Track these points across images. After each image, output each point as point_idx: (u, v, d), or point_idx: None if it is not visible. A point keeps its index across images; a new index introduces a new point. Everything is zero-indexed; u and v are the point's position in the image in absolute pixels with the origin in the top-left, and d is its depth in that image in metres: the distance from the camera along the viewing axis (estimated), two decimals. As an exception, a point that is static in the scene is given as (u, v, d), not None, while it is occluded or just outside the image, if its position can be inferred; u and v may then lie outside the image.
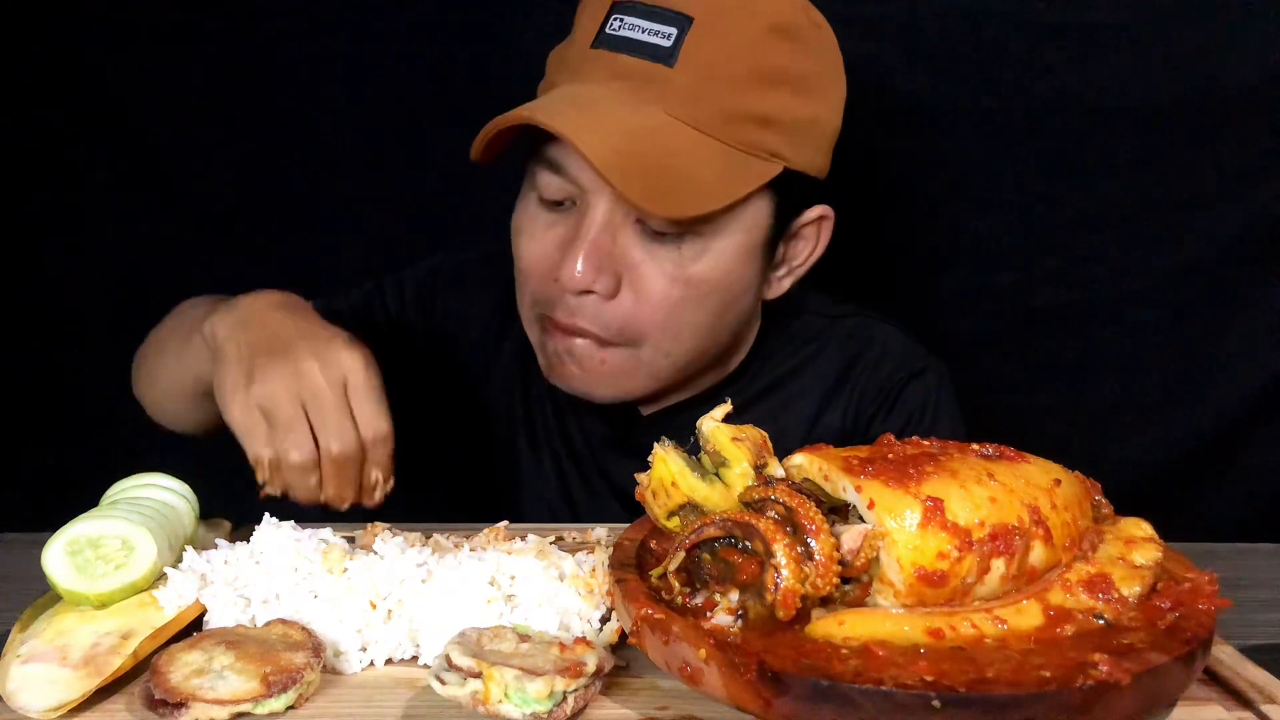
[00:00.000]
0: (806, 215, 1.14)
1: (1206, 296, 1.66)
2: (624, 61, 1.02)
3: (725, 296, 1.10)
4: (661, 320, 1.07)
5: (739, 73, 1.02)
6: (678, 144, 1.00)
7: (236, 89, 1.69)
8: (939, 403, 1.26)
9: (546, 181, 1.07)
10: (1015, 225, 1.68)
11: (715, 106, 1.01)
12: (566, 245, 1.05)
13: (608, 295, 1.06)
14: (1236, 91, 1.59)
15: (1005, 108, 1.63)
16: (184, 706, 0.67)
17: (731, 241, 1.07)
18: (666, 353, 1.10)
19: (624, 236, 1.05)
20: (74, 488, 0.98)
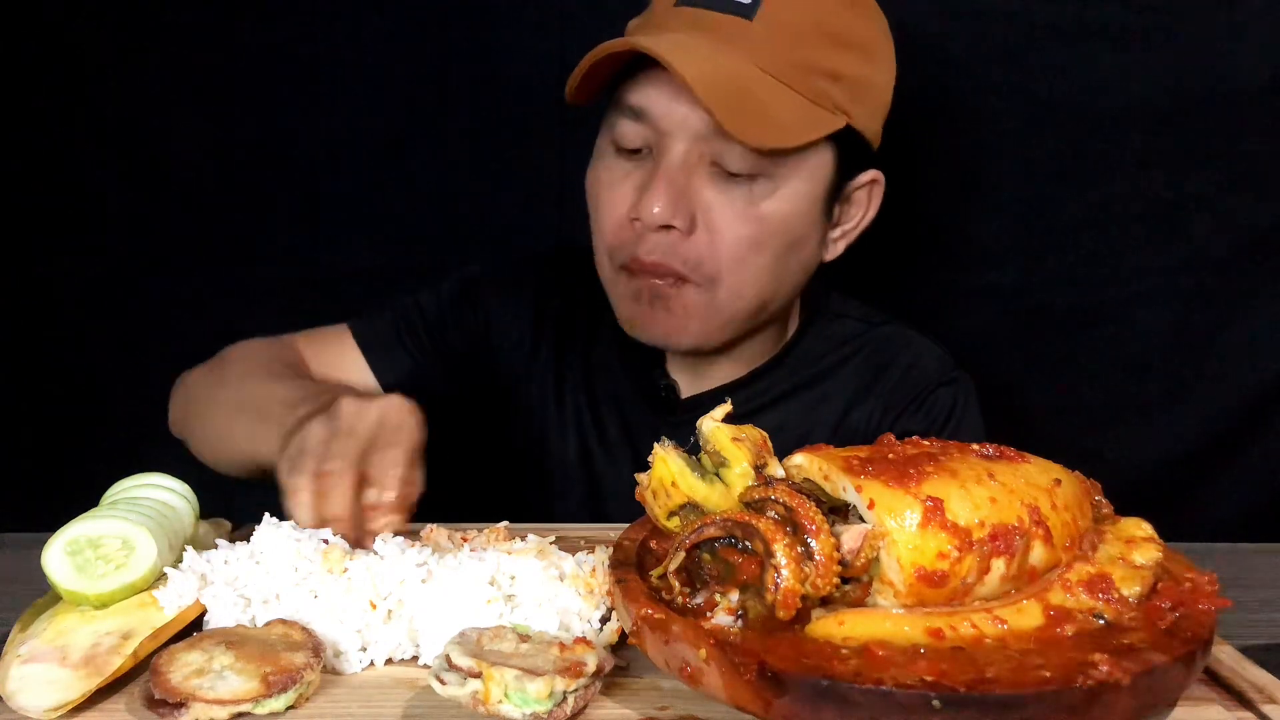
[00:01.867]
0: (860, 178, 1.21)
1: (1206, 296, 1.66)
2: (707, 16, 1.10)
3: (790, 238, 1.16)
4: (735, 258, 1.13)
5: (811, 31, 1.11)
6: (758, 85, 1.08)
7: (237, 88, 1.69)
8: (964, 412, 1.29)
9: (625, 129, 1.14)
10: (1015, 225, 1.68)
11: (790, 58, 1.09)
12: (643, 188, 1.12)
13: (686, 231, 1.12)
14: (1237, 91, 1.59)
15: (1005, 108, 1.64)
16: (184, 706, 0.67)
17: (798, 185, 1.14)
18: (739, 294, 1.16)
19: (698, 177, 1.12)
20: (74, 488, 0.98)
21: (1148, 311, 1.67)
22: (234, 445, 1.16)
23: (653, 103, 1.11)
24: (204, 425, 1.25)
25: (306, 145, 1.69)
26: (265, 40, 1.66)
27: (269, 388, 1.17)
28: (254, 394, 1.18)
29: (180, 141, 1.70)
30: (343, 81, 1.68)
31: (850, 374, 1.31)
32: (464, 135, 1.68)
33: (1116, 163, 1.64)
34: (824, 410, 1.30)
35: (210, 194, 1.72)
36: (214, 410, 1.23)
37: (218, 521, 0.99)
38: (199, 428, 1.26)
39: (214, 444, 1.23)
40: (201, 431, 1.26)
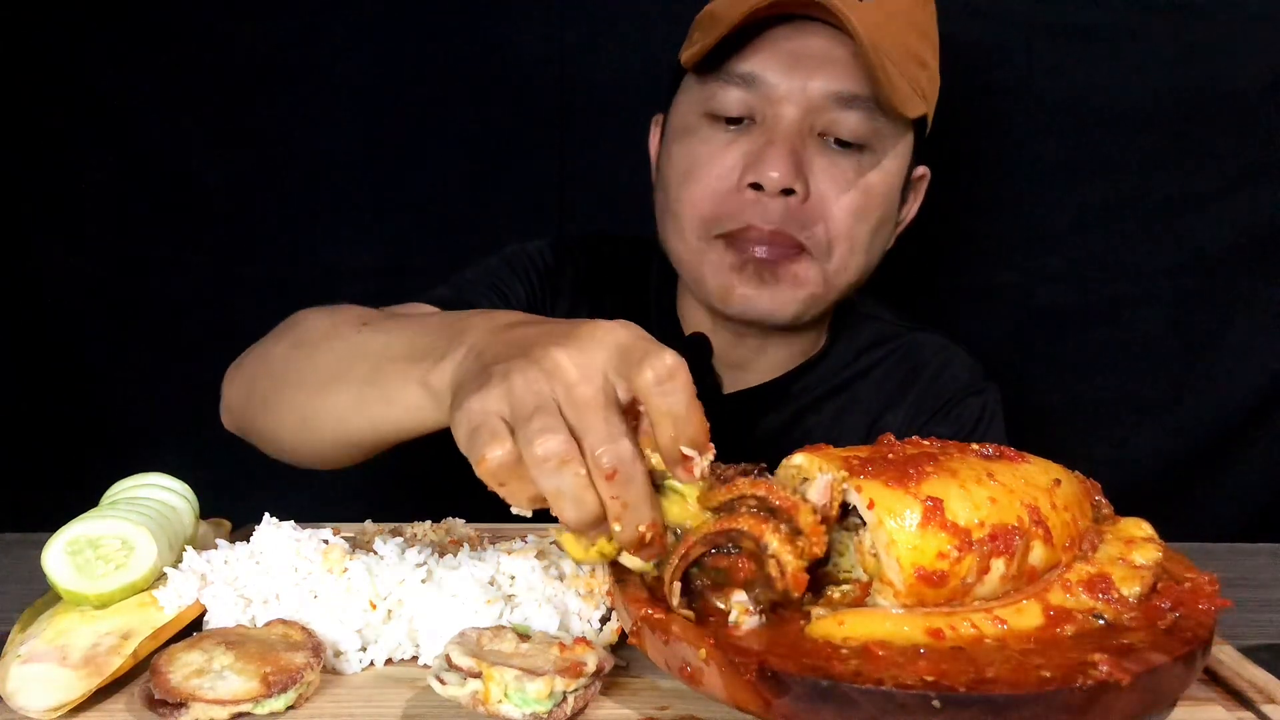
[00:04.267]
0: (916, 171, 1.26)
1: (1206, 296, 1.66)
2: None
3: (885, 211, 1.20)
4: (846, 227, 1.16)
5: (908, 18, 1.15)
6: (881, 58, 1.10)
7: (236, 88, 1.69)
8: (991, 421, 1.30)
9: (728, 97, 1.15)
10: (1015, 225, 1.68)
11: (896, 40, 1.12)
12: (758, 153, 1.13)
13: (804, 196, 1.13)
14: (1237, 91, 1.60)
15: (1005, 108, 1.64)
16: (184, 706, 0.67)
17: (894, 165, 1.19)
18: (846, 265, 1.18)
19: (811, 146, 1.14)
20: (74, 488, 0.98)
21: (1148, 311, 1.68)
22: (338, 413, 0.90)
23: (769, 70, 1.12)
24: (287, 400, 0.98)
25: (306, 144, 1.69)
26: (265, 40, 1.67)
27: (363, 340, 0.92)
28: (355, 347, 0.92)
29: (180, 141, 1.70)
30: (343, 81, 1.68)
31: (881, 378, 1.32)
32: (464, 134, 1.68)
33: (1116, 163, 1.64)
34: (855, 415, 1.30)
35: (210, 193, 1.72)
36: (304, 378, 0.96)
37: (218, 521, 0.99)
38: (279, 405, 0.99)
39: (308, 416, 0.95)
40: (286, 408, 0.98)
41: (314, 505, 1.03)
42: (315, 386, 0.94)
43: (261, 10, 1.65)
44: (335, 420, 0.91)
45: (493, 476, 0.66)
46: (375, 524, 0.99)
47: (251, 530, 0.86)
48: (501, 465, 0.66)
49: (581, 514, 0.66)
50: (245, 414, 1.06)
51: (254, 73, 1.67)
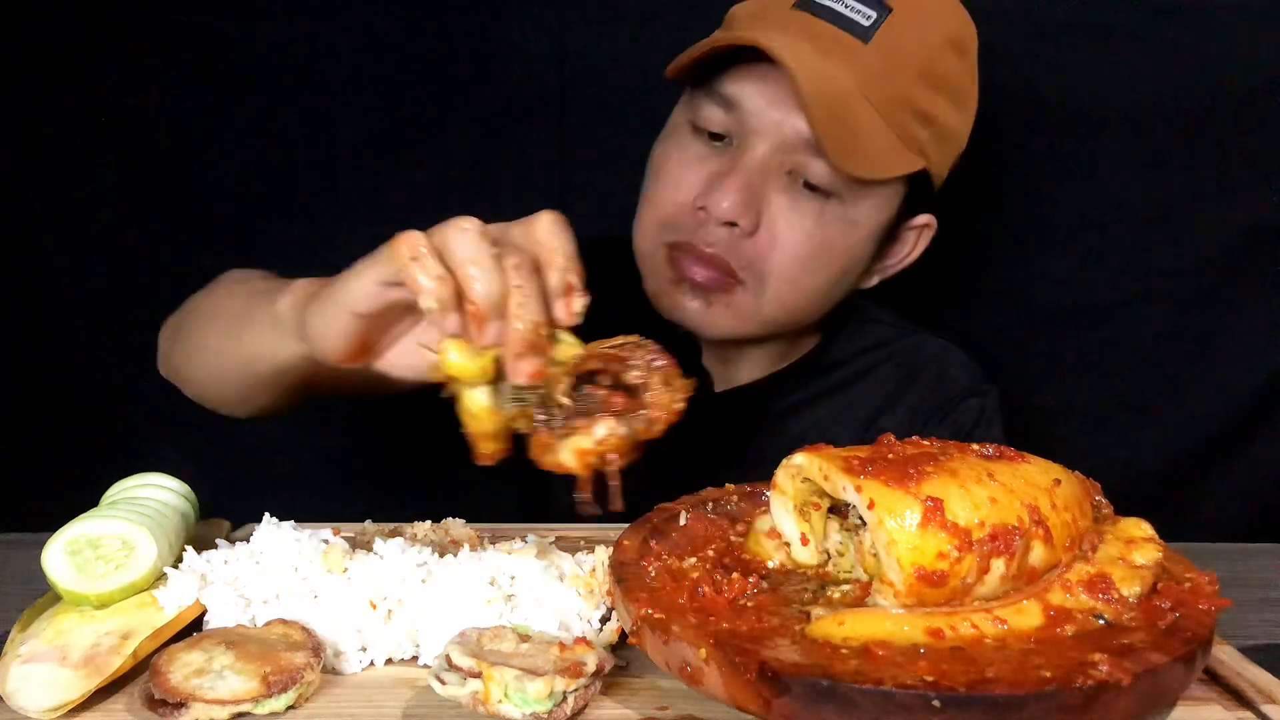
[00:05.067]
0: (916, 220, 1.23)
1: (1206, 296, 1.66)
2: (823, 27, 1.09)
3: (844, 266, 1.18)
4: (789, 269, 1.14)
5: (917, 69, 1.11)
6: (858, 110, 1.08)
7: (236, 87, 1.69)
8: (990, 423, 1.30)
9: (711, 114, 1.13)
10: (1015, 225, 1.68)
11: (891, 89, 1.09)
12: (717, 178, 1.12)
13: (748, 231, 1.12)
14: (1236, 91, 1.59)
15: (1005, 108, 1.63)
16: (184, 706, 0.67)
17: (866, 218, 1.15)
18: (783, 304, 1.17)
19: (773, 183, 1.12)
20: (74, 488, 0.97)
21: (1148, 311, 1.67)
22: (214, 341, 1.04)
23: (749, 99, 1.11)
24: (189, 334, 1.12)
25: (306, 143, 1.69)
26: (265, 39, 1.66)
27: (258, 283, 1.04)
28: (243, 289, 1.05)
29: (180, 141, 1.70)
30: (342, 80, 1.68)
31: (879, 380, 1.32)
32: (464, 134, 1.68)
33: (1116, 163, 1.64)
34: (852, 416, 1.30)
35: (210, 193, 1.72)
36: (201, 315, 1.11)
37: (218, 521, 0.99)
38: (184, 338, 1.12)
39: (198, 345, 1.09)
40: (186, 341, 1.12)
41: (314, 505, 1.03)
42: (206, 324, 1.08)
43: (261, 10, 1.65)
44: (217, 353, 1.03)
45: (406, 250, 0.73)
46: (375, 524, 0.99)
47: (251, 530, 0.86)
48: (414, 250, 0.73)
49: (488, 289, 0.71)
50: (170, 359, 1.17)
51: (254, 73, 1.67)
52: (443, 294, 0.73)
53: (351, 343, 0.84)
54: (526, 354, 0.73)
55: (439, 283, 0.73)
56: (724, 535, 0.86)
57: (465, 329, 0.73)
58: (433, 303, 0.73)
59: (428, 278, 0.73)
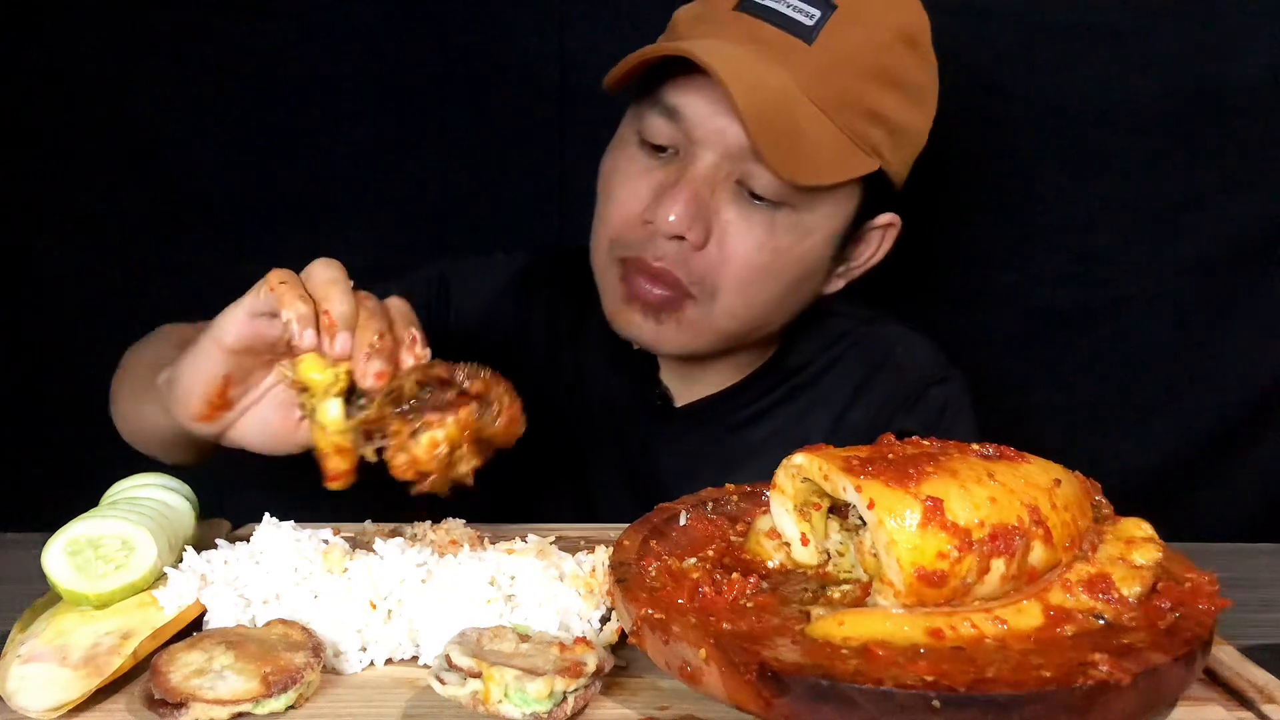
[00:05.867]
0: (878, 219, 1.19)
1: (1206, 296, 1.66)
2: (764, 28, 1.06)
3: (800, 273, 1.14)
4: (741, 281, 1.11)
5: (865, 65, 1.07)
6: (802, 113, 1.04)
7: (236, 87, 1.68)
8: (958, 410, 1.28)
9: (655, 126, 1.10)
10: (1015, 225, 1.68)
11: (838, 89, 1.06)
12: (664, 190, 1.09)
13: (696, 245, 1.09)
14: (1236, 91, 1.59)
15: (1006, 108, 1.64)
16: (184, 706, 0.67)
17: (819, 221, 1.12)
18: (735, 315, 1.13)
19: (722, 193, 1.09)
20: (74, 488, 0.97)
21: (1148, 311, 1.67)
22: (126, 407, 1.14)
23: (691, 108, 1.07)
24: (116, 394, 1.19)
25: (306, 144, 1.69)
26: (265, 39, 1.66)
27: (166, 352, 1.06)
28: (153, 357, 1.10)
29: (180, 141, 1.70)
30: (343, 80, 1.68)
31: (843, 374, 1.29)
32: (464, 133, 1.68)
33: (1116, 163, 1.64)
34: (819, 413, 1.28)
35: (210, 193, 1.72)
36: (123, 378, 1.18)
37: (218, 521, 0.99)
38: (114, 398, 1.20)
39: (119, 409, 1.18)
40: (116, 401, 1.19)
41: (314, 505, 1.03)
42: (124, 391, 1.16)
43: (261, 10, 1.65)
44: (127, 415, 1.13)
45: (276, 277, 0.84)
46: (375, 524, 0.99)
47: (251, 530, 0.86)
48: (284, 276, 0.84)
49: (342, 307, 0.82)
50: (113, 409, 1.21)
51: (254, 73, 1.67)
52: (303, 310, 0.81)
53: (213, 389, 0.88)
54: (374, 356, 0.81)
55: (301, 301, 0.82)
56: (724, 535, 0.86)
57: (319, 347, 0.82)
58: (293, 314, 0.81)
59: (291, 296, 0.82)
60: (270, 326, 0.85)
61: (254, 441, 0.93)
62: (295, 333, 0.81)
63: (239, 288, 1.05)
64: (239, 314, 0.86)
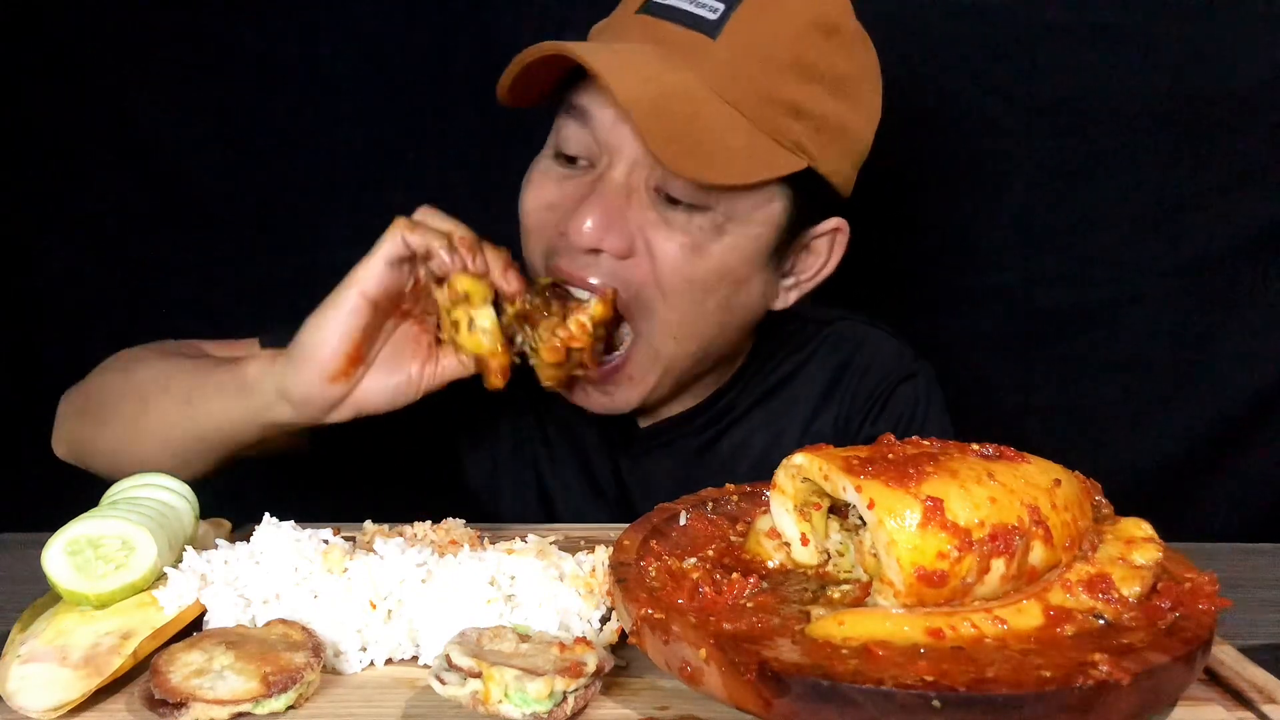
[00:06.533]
0: (821, 226, 1.14)
1: (1206, 296, 1.66)
2: (667, 28, 1.03)
3: (732, 282, 1.08)
4: (675, 288, 1.05)
5: (778, 58, 1.02)
6: (708, 110, 1.00)
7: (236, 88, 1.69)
8: (928, 405, 1.27)
9: (569, 133, 1.07)
10: (1015, 225, 1.68)
11: (750, 85, 1.01)
12: (577, 202, 1.05)
13: (617, 254, 1.05)
14: (1236, 91, 1.60)
15: (1005, 108, 1.64)
16: (184, 706, 0.67)
17: (745, 230, 1.06)
18: (675, 335, 1.08)
19: (638, 200, 1.05)
20: (74, 488, 0.97)
21: (1148, 311, 1.68)
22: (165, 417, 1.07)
23: (598, 114, 1.04)
24: (116, 417, 1.13)
25: (306, 145, 1.69)
26: (265, 40, 1.67)
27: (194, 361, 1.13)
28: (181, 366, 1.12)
29: (180, 142, 1.70)
30: (343, 81, 1.68)
31: (809, 379, 1.26)
32: (464, 135, 1.68)
33: (1116, 163, 1.64)
34: (788, 420, 1.25)
35: (210, 194, 1.72)
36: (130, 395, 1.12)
37: (218, 521, 0.99)
38: (110, 421, 1.13)
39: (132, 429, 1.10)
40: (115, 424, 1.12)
41: (314, 505, 1.03)
42: (146, 398, 1.10)
43: (261, 11, 1.65)
44: (162, 426, 1.08)
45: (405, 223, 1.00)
46: (375, 524, 0.99)
47: (251, 530, 0.86)
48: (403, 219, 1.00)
49: (468, 233, 1.01)
50: (78, 437, 1.18)
51: (254, 73, 1.67)
52: (444, 239, 0.98)
53: (354, 342, 0.97)
54: (509, 267, 1.02)
55: (438, 234, 0.99)
56: (724, 535, 0.86)
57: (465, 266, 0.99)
58: (440, 243, 0.98)
59: (430, 231, 0.99)
60: (403, 272, 0.99)
61: (380, 399, 1.01)
62: (445, 258, 0.98)
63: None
64: (378, 263, 0.97)
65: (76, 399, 1.21)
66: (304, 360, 0.98)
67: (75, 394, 1.21)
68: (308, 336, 0.98)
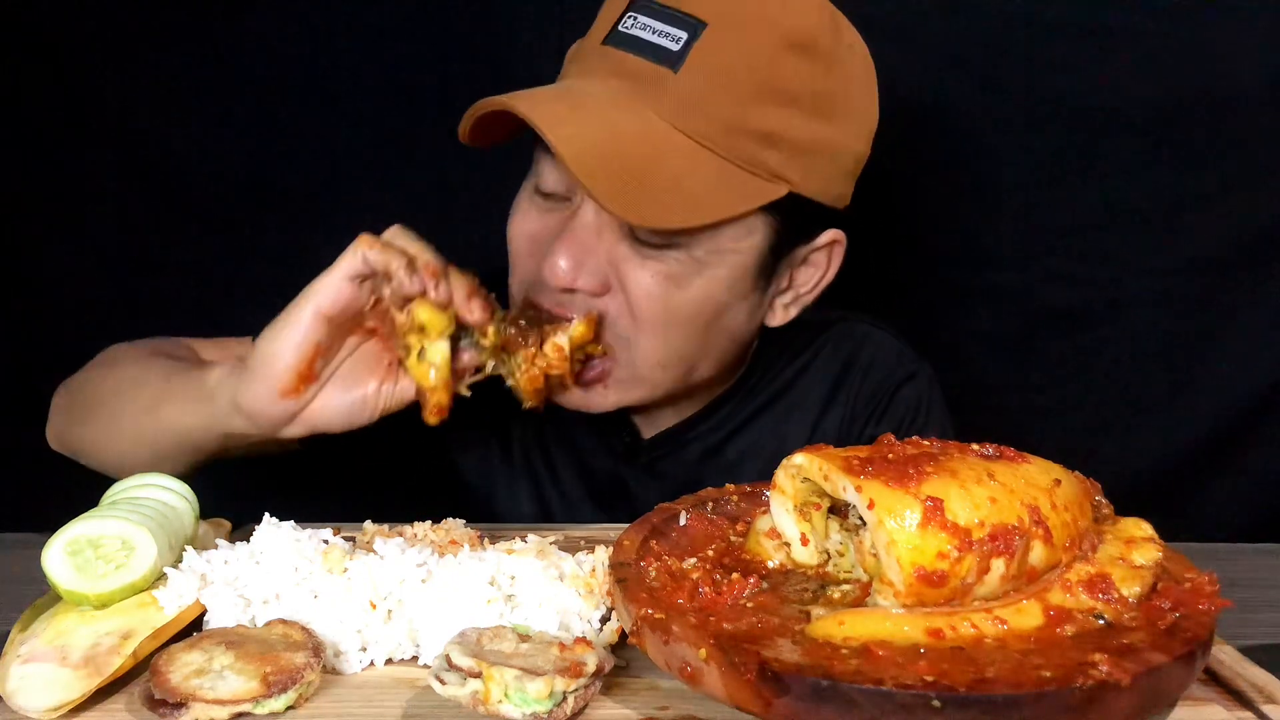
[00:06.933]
0: (817, 241, 1.11)
1: (1206, 296, 1.66)
2: (629, 61, 1.00)
3: (713, 311, 1.06)
4: (651, 323, 1.04)
5: (745, 85, 0.98)
6: (668, 150, 0.97)
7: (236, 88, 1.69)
8: (929, 406, 1.27)
9: (545, 171, 1.06)
10: (1015, 225, 1.68)
11: (714, 116, 0.98)
12: (551, 241, 1.04)
13: (592, 292, 1.03)
14: (1237, 91, 1.60)
15: (1005, 108, 1.64)
16: (184, 706, 0.67)
17: (721, 258, 1.03)
18: (659, 363, 1.07)
19: (610, 236, 1.02)
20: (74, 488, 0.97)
21: (1148, 311, 1.68)
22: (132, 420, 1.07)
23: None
24: (95, 415, 1.14)
25: (306, 145, 1.69)
26: (265, 40, 1.67)
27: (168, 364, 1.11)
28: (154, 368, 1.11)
29: (180, 142, 1.70)
30: (342, 80, 1.68)
31: (812, 381, 1.26)
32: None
33: (1116, 163, 1.64)
34: (793, 423, 1.25)
35: (210, 194, 1.72)
36: (107, 394, 1.13)
37: (218, 521, 0.99)
38: (90, 420, 1.14)
39: (108, 428, 1.11)
40: (94, 422, 1.14)
41: (314, 505, 1.03)
42: (118, 399, 1.11)
43: (262, 11, 1.65)
44: (131, 429, 1.08)
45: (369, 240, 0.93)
46: (375, 524, 0.99)
47: (251, 530, 0.86)
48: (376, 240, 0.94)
49: (433, 258, 0.94)
50: (67, 430, 1.19)
51: (254, 73, 1.67)
52: (405, 260, 0.93)
53: (305, 359, 0.94)
54: (474, 296, 0.96)
55: (402, 254, 0.93)
56: (724, 535, 0.86)
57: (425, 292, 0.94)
58: (400, 264, 0.92)
59: (392, 250, 0.93)
60: (362, 290, 0.94)
61: (334, 418, 0.98)
62: (405, 280, 0.93)
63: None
64: (335, 279, 0.93)
65: (65, 394, 1.22)
66: (256, 373, 0.95)
67: (65, 388, 1.22)
68: (261, 348, 0.95)
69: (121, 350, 1.21)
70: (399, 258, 0.92)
